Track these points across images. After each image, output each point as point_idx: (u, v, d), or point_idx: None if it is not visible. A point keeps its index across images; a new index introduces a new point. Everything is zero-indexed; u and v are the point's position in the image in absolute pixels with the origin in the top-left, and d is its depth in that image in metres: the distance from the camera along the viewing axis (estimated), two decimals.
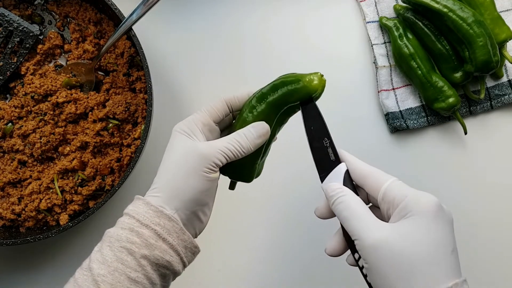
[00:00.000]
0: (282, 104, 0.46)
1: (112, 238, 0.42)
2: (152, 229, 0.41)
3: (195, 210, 0.44)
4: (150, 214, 0.42)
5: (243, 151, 0.44)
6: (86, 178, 0.62)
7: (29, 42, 0.65)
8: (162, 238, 0.42)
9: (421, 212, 0.37)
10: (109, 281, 0.40)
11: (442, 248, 0.36)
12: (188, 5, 0.73)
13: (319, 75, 0.45)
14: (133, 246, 0.41)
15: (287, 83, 0.45)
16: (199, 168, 0.42)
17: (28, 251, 0.68)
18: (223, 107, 0.47)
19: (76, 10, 0.66)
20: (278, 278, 0.68)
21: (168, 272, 0.43)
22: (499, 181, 0.70)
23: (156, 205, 0.42)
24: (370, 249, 0.36)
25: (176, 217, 0.43)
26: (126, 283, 0.40)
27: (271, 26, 0.73)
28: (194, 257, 0.46)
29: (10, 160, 0.63)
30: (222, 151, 0.43)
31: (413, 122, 0.70)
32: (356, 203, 0.40)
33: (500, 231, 0.69)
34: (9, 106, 0.64)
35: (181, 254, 0.43)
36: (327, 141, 0.45)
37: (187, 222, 0.44)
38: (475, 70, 0.64)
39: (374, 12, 0.72)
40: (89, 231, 0.68)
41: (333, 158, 0.45)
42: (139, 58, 0.62)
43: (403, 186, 0.40)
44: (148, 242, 0.41)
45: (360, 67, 0.72)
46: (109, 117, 0.64)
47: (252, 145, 0.45)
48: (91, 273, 0.40)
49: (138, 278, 0.41)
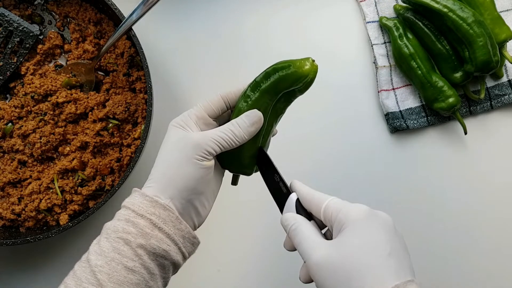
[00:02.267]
0: (275, 91, 0.46)
1: (109, 230, 0.42)
2: (147, 218, 0.42)
3: (191, 199, 0.44)
4: (145, 205, 0.42)
5: (237, 139, 0.44)
6: (86, 178, 0.62)
7: (29, 42, 0.65)
8: (157, 227, 0.42)
9: (352, 223, 0.39)
10: (106, 271, 0.40)
11: (377, 252, 0.37)
12: (188, 5, 0.73)
13: (310, 60, 0.45)
14: (129, 236, 0.41)
15: (278, 69, 0.46)
16: (191, 155, 0.43)
17: (28, 251, 0.68)
18: (218, 102, 0.47)
19: (76, 10, 0.66)
20: (278, 278, 0.68)
21: (166, 262, 0.43)
22: (499, 181, 0.70)
23: (151, 195, 0.43)
24: (314, 267, 0.38)
25: (171, 206, 0.43)
26: (123, 272, 0.40)
27: (271, 26, 0.73)
28: (194, 249, 0.46)
29: (10, 160, 0.63)
30: (215, 139, 0.43)
31: (413, 122, 0.70)
32: (306, 228, 0.42)
33: (500, 230, 0.69)
34: (9, 106, 0.64)
35: (178, 244, 0.43)
36: (277, 176, 0.47)
37: (184, 211, 0.44)
38: (475, 70, 0.64)
39: (374, 12, 0.72)
40: (89, 231, 0.68)
41: (285, 190, 0.47)
42: (139, 58, 0.62)
43: (338, 203, 0.41)
44: (143, 231, 0.41)
45: (360, 67, 0.72)
46: (109, 117, 0.64)
47: (246, 133, 0.45)
48: (89, 264, 0.41)
49: (135, 267, 0.41)
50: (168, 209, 0.43)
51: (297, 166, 0.69)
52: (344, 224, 0.39)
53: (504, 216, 0.69)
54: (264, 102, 0.46)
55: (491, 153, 0.70)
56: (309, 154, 0.70)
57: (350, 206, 0.41)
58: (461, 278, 0.68)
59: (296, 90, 0.47)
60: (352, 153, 0.70)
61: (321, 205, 0.42)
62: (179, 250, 0.43)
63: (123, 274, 0.40)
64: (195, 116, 0.46)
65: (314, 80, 0.46)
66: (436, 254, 0.69)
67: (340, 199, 0.43)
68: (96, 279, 0.40)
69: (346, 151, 0.70)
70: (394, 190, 0.70)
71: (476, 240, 0.69)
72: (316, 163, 0.70)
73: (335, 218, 0.40)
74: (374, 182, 0.70)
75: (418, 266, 0.68)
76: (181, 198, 0.43)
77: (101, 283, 0.40)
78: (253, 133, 0.46)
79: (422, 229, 0.69)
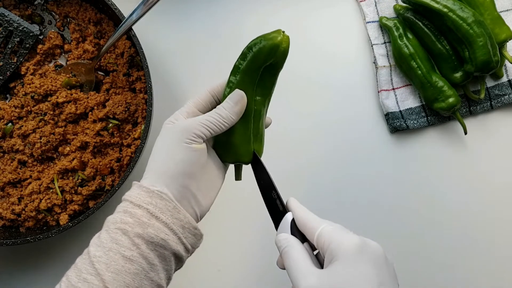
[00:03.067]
0: (254, 67, 0.47)
1: (108, 222, 0.43)
2: (144, 208, 0.42)
3: (187, 185, 0.44)
4: (142, 195, 0.43)
5: (225, 121, 0.45)
6: (86, 178, 0.62)
7: (29, 42, 0.65)
8: (155, 217, 0.42)
9: (343, 255, 0.39)
10: (104, 261, 0.40)
11: (366, 285, 0.38)
12: (188, 5, 0.73)
13: (280, 31, 0.46)
14: (126, 226, 0.41)
15: (251, 46, 0.47)
16: (181, 140, 0.44)
17: (28, 251, 0.68)
18: (207, 97, 0.48)
19: (76, 10, 0.66)
20: (278, 277, 0.68)
21: (166, 252, 0.43)
22: (499, 181, 0.70)
23: (147, 186, 0.43)
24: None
25: (168, 194, 0.43)
26: (121, 262, 0.40)
27: (271, 26, 0.72)
28: (198, 241, 0.46)
29: (10, 160, 0.63)
30: (203, 123, 0.44)
31: (413, 122, 0.70)
32: (298, 252, 0.42)
33: (500, 230, 0.69)
34: (9, 106, 0.64)
35: (178, 234, 0.43)
36: (275, 193, 0.48)
37: (181, 198, 0.44)
38: (475, 70, 0.64)
39: (374, 12, 0.72)
40: (89, 231, 0.68)
41: (281, 208, 0.47)
42: (139, 58, 0.62)
43: (332, 231, 0.42)
44: (141, 220, 0.42)
45: (360, 67, 0.72)
46: (109, 117, 0.64)
47: (232, 114, 0.46)
48: (88, 256, 0.41)
49: (133, 256, 0.41)
50: (165, 199, 0.43)
51: (297, 165, 0.69)
52: (335, 256, 0.40)
53: (503, 216, 0.69)
54: (246, 82, 0.47)
55: (491, 153, 0.70)
56: (309, 153, 0.70)
57: (342, 238, 0.41)
58: (460, 277, 0.68)
59: (273, 63, 0.47)
60: (352, 153, 0.70)
61: (315, 231, 0.43)
62: (179, 240, 0.43)
63: (121, 264, 0.40)
64: (185, 113, 0.47)
65: (287, 50, 0.47)
66: (436, 254, 0.69)
67: (333, 226, 0.43)
68: (94, 269, 0.40)
69: (346, 151, 0.70)
70: (394, 190, 0.70)
71: (476, 240, 0.69)
72: (316, 163, 0.70)
73: (327, 248, 0.41)
74: (374, 182, 0.70)
75: (418, 265, 0.68)
76: (177, 185, 0.44)
77: (99, 272, 0.40)
78: (239, 112, 0.46)
79: (421, 229, 0.69)
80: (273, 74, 0.49)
